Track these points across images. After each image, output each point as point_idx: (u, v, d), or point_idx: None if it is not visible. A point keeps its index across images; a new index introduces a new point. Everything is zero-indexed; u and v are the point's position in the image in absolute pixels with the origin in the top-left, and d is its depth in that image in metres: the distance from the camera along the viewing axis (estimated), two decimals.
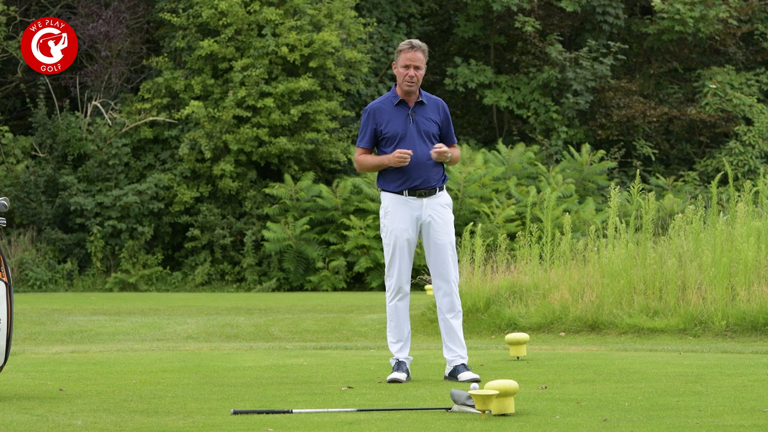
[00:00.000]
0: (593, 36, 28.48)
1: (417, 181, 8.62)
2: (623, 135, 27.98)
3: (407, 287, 8.77)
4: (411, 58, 8.64)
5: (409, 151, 8.56)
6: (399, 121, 8.68)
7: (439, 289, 8.76)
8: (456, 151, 8.83)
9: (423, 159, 8.63)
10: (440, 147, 8.59)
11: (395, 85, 8.78)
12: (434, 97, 8.84)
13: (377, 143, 8.78)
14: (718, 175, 15.36)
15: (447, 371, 8.77)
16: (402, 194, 8.66)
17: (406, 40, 8.72)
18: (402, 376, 8.61)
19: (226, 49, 24.56)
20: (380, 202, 26.79)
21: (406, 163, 8.57)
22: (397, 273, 8.72)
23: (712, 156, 27.85)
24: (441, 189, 8.72)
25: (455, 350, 8.71)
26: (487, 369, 9.52)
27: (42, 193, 24.52)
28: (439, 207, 8.69)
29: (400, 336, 8.79)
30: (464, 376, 8.59)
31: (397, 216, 8.66)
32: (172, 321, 15.37)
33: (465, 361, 8.72)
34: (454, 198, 24.01)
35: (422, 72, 8.68)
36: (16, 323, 13.97)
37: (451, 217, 8.75)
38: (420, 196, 8.65)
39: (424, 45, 8.73)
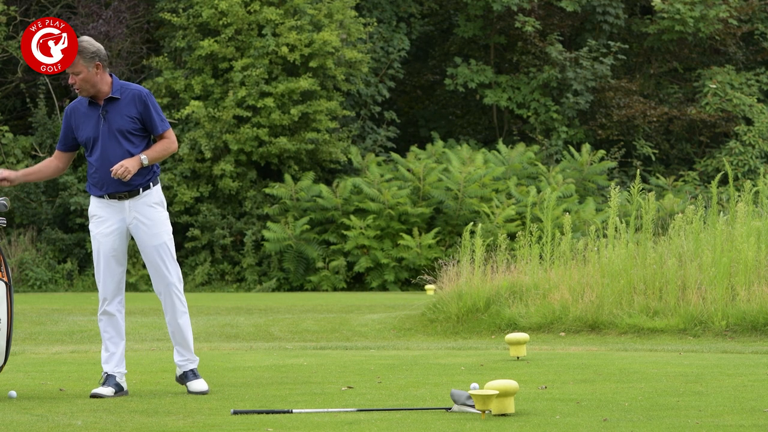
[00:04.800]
0: (593, 36, 28.48)
1: (114, 184, 7.99)
2: (623, 135, 27.97)
3: (115, 303, 8.15)
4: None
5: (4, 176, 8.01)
6: (91, 124, 8.04)
7: (159, 293, 8.18)
8: (163, 143, 8.09)
9: (116, 161, 7.98)
10: (118, 167, 7.88)
11: None
12: (134, 87, 8.07)
13: (77, 146, 8.18)
14: (718, 175, 15.37)
15: (177, 374, 8.32)
16: (104, 198, 8.06)
17: None
18: (106, 391, 7.98)
19: (226, 49, 24.56)
20: (379, 202, 26.64)
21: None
22: (102, 282, 8.12)
23: (712, 156, 27.85)
24: (147, 188, 8.06)
25: (184, 354, 8.24)
26: (487, 369, 9.52)
27: (42, 193, 24.52)
28: (146, 207, 8.06)
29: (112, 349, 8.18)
30: (193, 386, 8.15)
31: (101, 221, 8.07)
32: None
33: (195, 366, 8.25)
34: (454, 198, 24.02)
35: (84, 75, 7.94)
36: (16, 323, 13.97)
37: (163, 216, 8.12)
38: (121, 198, 8.04)
39: (82, 45, 7.97)
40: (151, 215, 8.10)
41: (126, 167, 7.90)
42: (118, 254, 8.11)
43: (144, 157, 8.00)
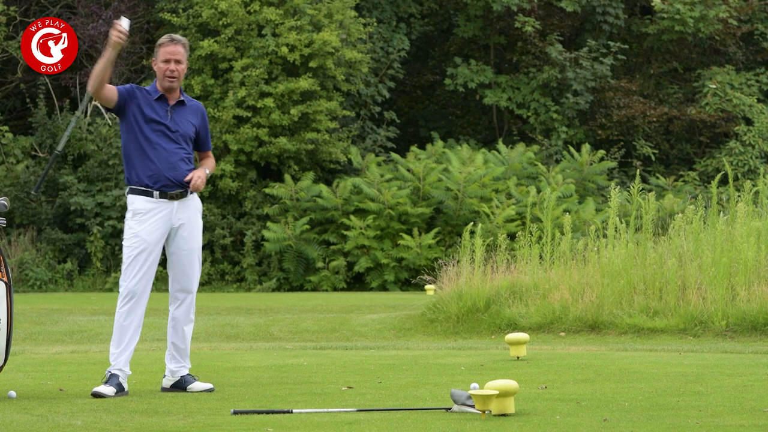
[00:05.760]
0: (593, 36, 28.48)
1: (167, 182, 8.11)
2: (623, 135, 27.98)
3: (143, 301, 8.13)
4: (171, 51, 8.13)
5: (121, 26, 7.93)
6: (157, 115, 8.15)
7: (176, 299, 8.29)
8: (212, 160, 8.48)
9: (175, 159, 8.15)
10: (196, 178, 8.13)
11: (155, 81, 8.24)
12: (195, 101, 8.38)
13: (119, 106, 8.10)
14: (718, 175, 15.36)
15: (169, 383, 8.29)
16: (153, 196, 8.13)
17: (167, 34, 8.25)
18: (108, 390, 7.93)
19: (226, 49, 24.56)
20: (379, 202, 26.45)
21: (119, 39, 7.91)
22: (136, 278, 8.07)
23: (712, 156, 27.85)
24: (191, 192, 8.24)
25: (181, 360, 8.31)
26: (487, 369, 9.52)
27: (42, 193, 24.52)
28: (191, 211, 8.25)
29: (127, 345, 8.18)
30: (198, 386, 8.22)
31: (147, 219, 8.11)
32: None
33: (188, 369, 8.36)
34: (454, 198, 24.02)
35: (183, 67, 8.19)
36: (16, 323, 13.97)
37: (201, 223, 8.36)
38: (172, 198, 8.15)
39: (184, 39, 8.26)
40: (193, 220, 8.28)
41: (202, 179, 8.19)
42: (158, 253, 8.17)
43: (208, 171, 8.32)
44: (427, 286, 18.14)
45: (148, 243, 8.10)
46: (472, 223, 16.42)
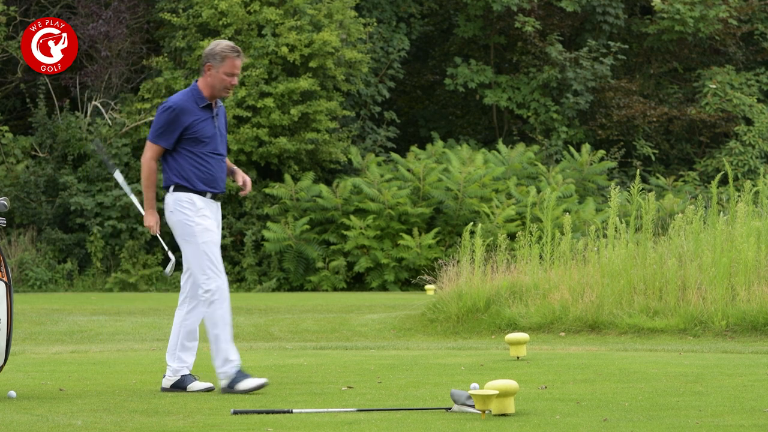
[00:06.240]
0: (593, 36, 28.48)
1: (221, 186, 8.34)
2: (623, 135, 27.98)
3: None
4: (239, 66, 8.26)
5: (153, 228, 8.23)
6: (208, 123, 8.27)
7: (196, 298, 8.53)
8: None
9: (223, 165, 8.37)
10: (248, 182, 8.44)
11: (196, 81, 8.30)
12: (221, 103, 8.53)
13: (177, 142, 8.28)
14: (718, 175, 15.36)
15: (169, 382, 8.40)
16: (205, 196, 8.27)
17: (231, 45, 8.28)
18: (262, 379, 8.21)
19: None
20: (379, 202, 26.38)
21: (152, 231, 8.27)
22: (220, 270, 8.23)
23: (712, 156, 27.85)
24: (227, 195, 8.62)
25: (186, 359, 8.51)
26: (487, 369, 9.52)
27: (42, 193, 24.52)
28: (220, 214, 8.45)
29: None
30: (196, 386, 8.33)
31: (208, 217, 8.28)
32: (171, 321, 15.33)
33: (189, 369, 8.50)
34: (454, 198, 24.03)
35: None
36: (16, 323, 13.96)
37: None
38: (218, 199, 8.38)
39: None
40: (220, 222, 8.44)
41: (249, 185, 8.47)
42: None
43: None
44: (427, 286, 18.14)
45: (217, 239, 8.28)
46: (472, 223, 16.42)
